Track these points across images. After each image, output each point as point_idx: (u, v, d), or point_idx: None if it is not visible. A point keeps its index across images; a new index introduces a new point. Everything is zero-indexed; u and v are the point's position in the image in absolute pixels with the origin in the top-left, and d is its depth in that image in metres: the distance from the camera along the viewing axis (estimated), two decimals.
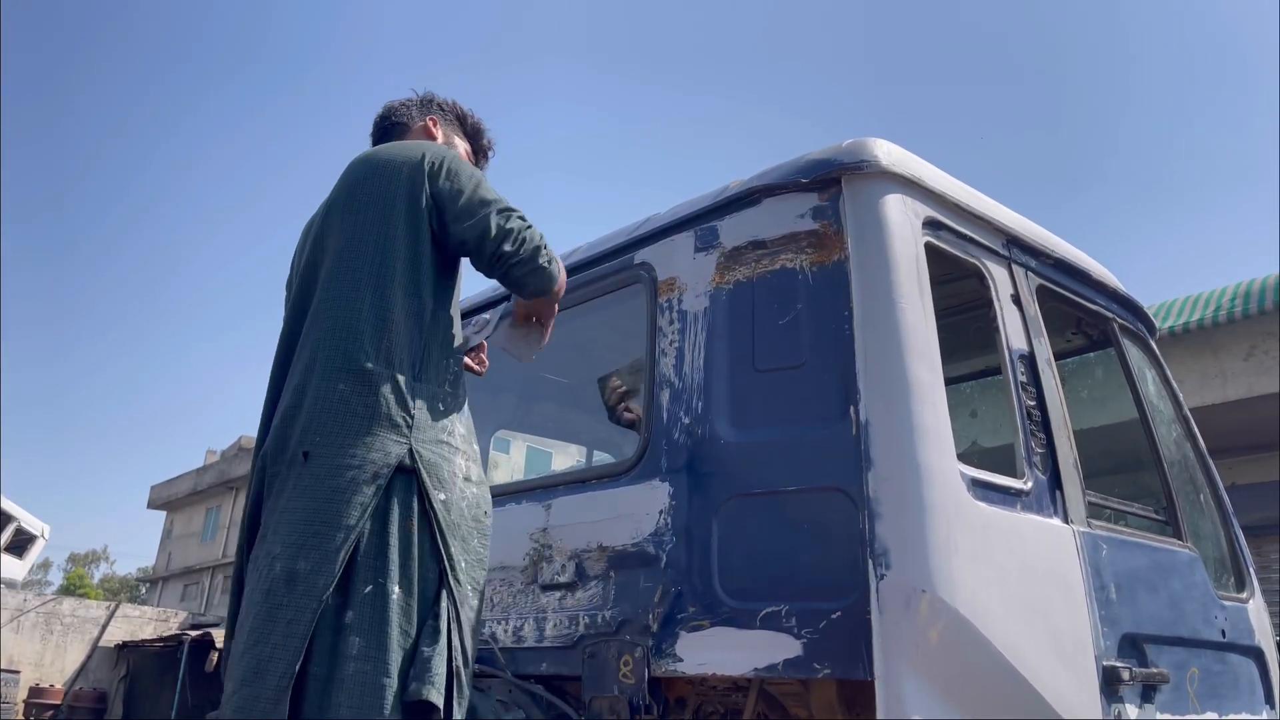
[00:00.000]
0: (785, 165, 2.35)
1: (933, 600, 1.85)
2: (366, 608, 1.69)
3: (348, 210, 1.99)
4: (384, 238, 1.93)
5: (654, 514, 2.23)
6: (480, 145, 2.43)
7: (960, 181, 2.45)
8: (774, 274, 2.25)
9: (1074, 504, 2.25)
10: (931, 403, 2.02)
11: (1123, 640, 2.18)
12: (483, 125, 2.45)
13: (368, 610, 1.69)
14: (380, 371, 1.83)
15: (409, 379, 1.86)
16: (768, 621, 1.99)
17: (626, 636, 2.20)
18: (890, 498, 1.92)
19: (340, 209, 2.01)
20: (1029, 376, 2.34)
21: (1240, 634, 2.67)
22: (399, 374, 1.85)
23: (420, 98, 2.37)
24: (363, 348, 1.84)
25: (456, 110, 2.41)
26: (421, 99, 2.37)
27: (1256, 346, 7.91)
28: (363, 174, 2.03)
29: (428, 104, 2.37)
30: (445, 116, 2.37)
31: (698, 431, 2.24)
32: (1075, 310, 2.80)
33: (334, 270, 1.95)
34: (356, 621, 1.68)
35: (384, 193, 1.97)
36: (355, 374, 1.82)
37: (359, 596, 1.70)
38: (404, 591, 1.72)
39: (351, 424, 1.78)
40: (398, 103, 2.37)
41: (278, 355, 2.02)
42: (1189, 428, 3.03)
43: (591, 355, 3.41)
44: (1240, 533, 2.98)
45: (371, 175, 2.01)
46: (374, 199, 1.97)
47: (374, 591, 1.70)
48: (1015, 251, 2.51)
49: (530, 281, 2.03)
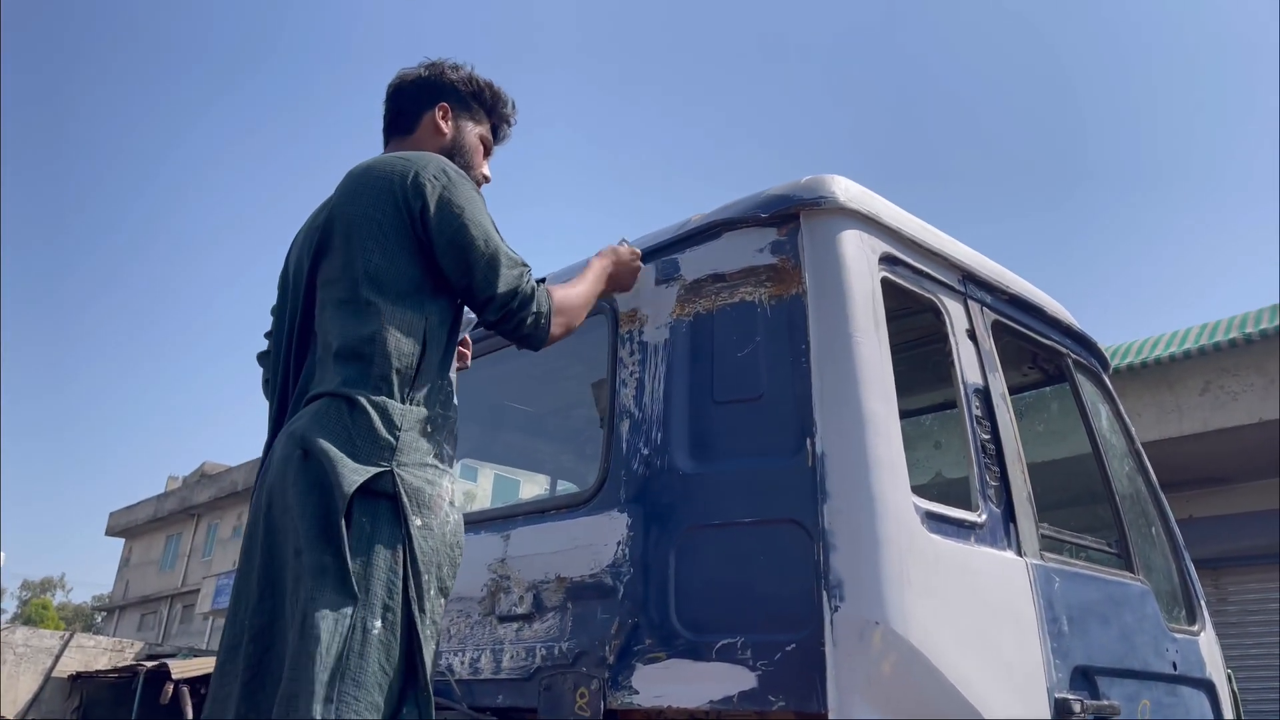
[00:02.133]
0: (745, 200, 2.38)
1: (886, 633, 1.87)
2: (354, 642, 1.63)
3: (340, 227, 1.92)
4: (379, 257, 1.86)
5: (612, 545, 2.23)
6: (501, 116, 2.30)
7: (917, 218, 2.49)
8: (733, 307, 2.28)
9: (1027, 537, 2.28)
10: (886, 436, 2.04)
11: (1075, 672, 2.21)
12: (502, 94, 2.29)
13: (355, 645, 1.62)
14: (370, 393, 1.76)
15: (400, 401, 1.79)
16: (724, 654, 1.99)
17: (583, 668, 2.19)
18: (844, 530, 1.94)
19: (334, 225, 1.93)
20: (984, 410, 2.37)
21: (1191, 666, 2.71)
22: (389, 396, 1.78)
23: (429, 77, 2.21)
24: (356, 368, 1.79)
25: (471, 85, 2.24)
26: (431, 80, 2.20)
27: (1211, 382, 8.06)
28: (355, 190, 1.94)
29: (437, 87, 2.20)
30: (458, 98, 2.21)
31: (656, 462, 2.25)
32: (1030, 345, 2.85)
33: (326, 294, 1.90)
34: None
35: (375, 214, 1.89)
36: (345, 396, 1.76)
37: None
38: (386, 628, 1.65)
39: (341, 447, 1.71)
40: (407, 83, 2.21)
41: (273, 377, 1.98)
42: (1141, 462, 3.08)
43: (554, 385, 3.41)
44: (1191, 565, 3.03)
45: (363, 194, 1.92)
46: (366, 219, 1.89)
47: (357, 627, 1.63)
48: (971, 287, 2.55)
49: (521, 344, 1.99)
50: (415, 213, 1.88)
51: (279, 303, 2.09)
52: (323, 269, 1.93)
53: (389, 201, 1.89)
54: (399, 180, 1.90)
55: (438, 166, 1.95)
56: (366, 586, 1.65)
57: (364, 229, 1.88)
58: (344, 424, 1.73)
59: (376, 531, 1.69)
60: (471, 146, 2.22)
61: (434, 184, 1.90)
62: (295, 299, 1.99)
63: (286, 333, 1.99)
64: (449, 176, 1.94)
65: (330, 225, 1.95)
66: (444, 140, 2.18)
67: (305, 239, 2.02)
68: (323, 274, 1.93)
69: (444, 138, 2.18)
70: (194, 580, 32.98)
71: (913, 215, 2.48)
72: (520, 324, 1.94)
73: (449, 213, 1.89)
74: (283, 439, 1.80)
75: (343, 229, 1.91)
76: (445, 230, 1.88)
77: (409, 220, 1.88)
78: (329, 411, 1.76)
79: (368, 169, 1.99)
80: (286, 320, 2.00)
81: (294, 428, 1.78)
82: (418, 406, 1.82)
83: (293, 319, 1.98)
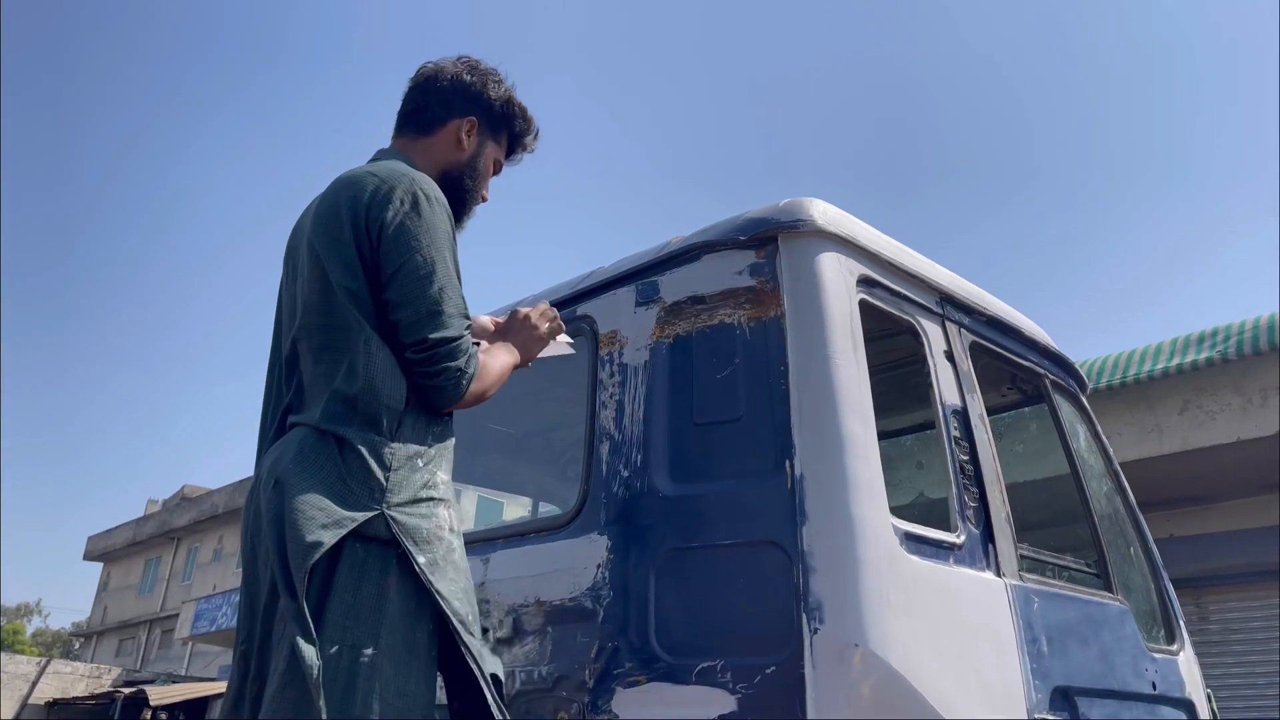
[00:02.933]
0: (724, 223, 2.40)
1: (865, 654, 1.87)
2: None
3: (312, 247, 1.84)
4: (350, 280, 1.77)
5: (592, 568, 2.23)
6: (523, 145, 2.17)
7: (895, 240, 2.51)
8: (712, 329, 2.29)
9: (1006, 557, 2.29)
10: (864, 457, 2.05)
11: (1054, 693, 2.21)
12: (533, 123, 2.17)
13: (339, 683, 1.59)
14: (359, 430, 1.70)
15: (388, 437, 1.72)
16: (703, 677, 1.99)
17: (563, 693, 2.18)
18: (823, 552, 1.94)
19: (307, 245, 1.86)
20: (962, 431, 2.39)
21: (1171, 686, 2.72)
22: (378, 434, 1.71)
23: (469, 85, 2.06)
24: (342, 402, 1.72)
25: (509, 107, 2.11)
26: (470, 89, 2.06)
27: (1190, 401, 8.12)
28: (327, 209, 1.85)
29: (474, 98, 2.06)
30: (490, 116, 2.08)
31: (637, 484, 2.25)
32: (1008, 366, 2.87)
33: (306, 317, 1.82)
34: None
35: (343, 234, 1.79)
36: (334, 434, 1.69)
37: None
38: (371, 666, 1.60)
39: (331, 488, 1.65)
40: (444, 82, 2.05)
41: (264, 412, 1.91)
42: (1119, 482, 3.10)
43: (535, 408, 3.41)
44: (1170, 585, 3.05)
45: (333, 213, 1.83)
46: (336, 241, 1.80)
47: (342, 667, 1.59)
48: (949, 309, 2.57)
49: (432, 394, 1.80)
50: (373, 235, 1.78)
51: (279, 305, 2.01)
52: (303, 288, 1.85)
53: (351, 222, 1.79)
54: (365, 199, 1.81)
55: (407, 188, 1.82)
56: (344, 627, 1.59)
57: (334, 251, 1.79)
58: (334, 464, 1.67)
59: (364, 577, 1.63)
60: (484, 170, 2.10)
61: (398, 207, 1.79)
62: (290, 305, 1.91)
63: (283, 340, 1.91)
64: (418, 200, 1.81)
65: (303, 244, 1.89)
66: (461, 156, 2.06)
67: (302, 254, 1.91)
68: (304, 293, 1.84)
69: (462, 153, 2.06)
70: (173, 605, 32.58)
71: (890, 237, 2.50)
72: (441, 374, 1.76)
73: (404, 240, 1.77)
74: (267, 465, 1.75)
75: (314, 250, 1.83)
76: (395, 257, 1.76)
77: (367, 241, 1.78)
78: (318, 450, 1.69)
79: (346, 184, 1.88)
80: (283, 327, 1.94)
81: (280, 460, 1.72)
82: (406, 444, 1.73)
83: (288, 326, 1.90)
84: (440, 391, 1.78)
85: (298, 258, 1.92)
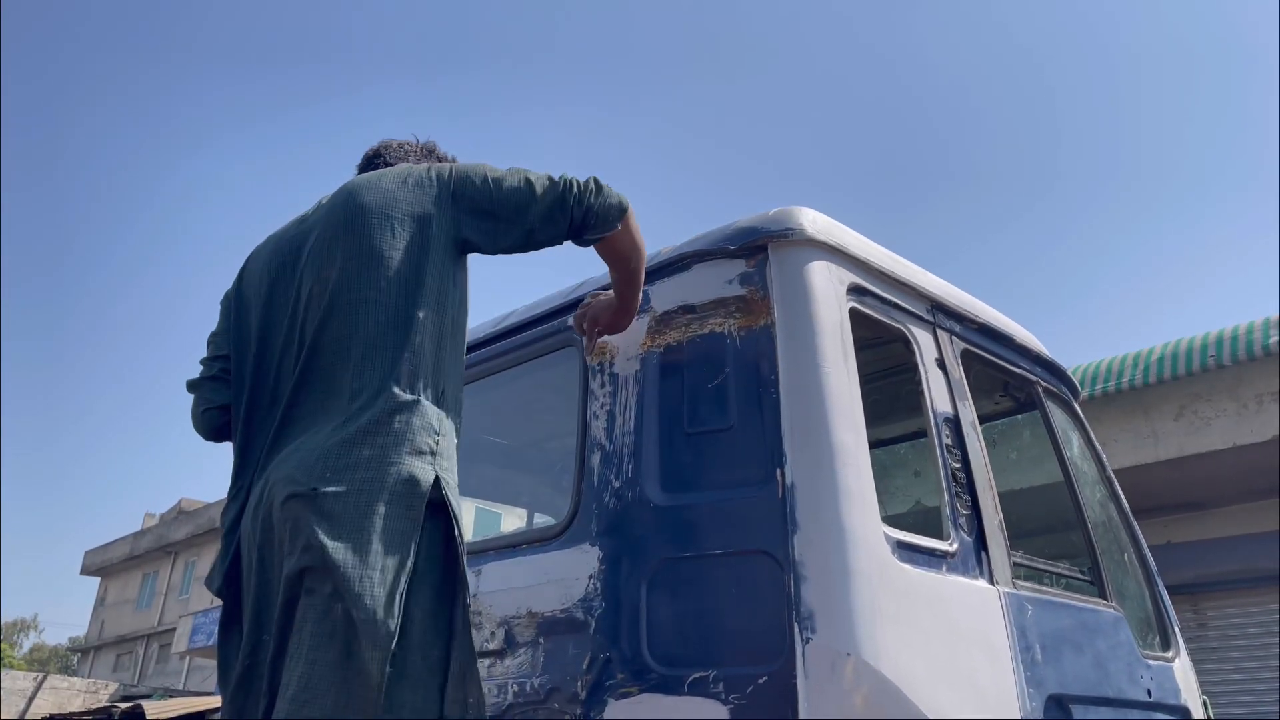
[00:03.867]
0: (714, 232, 2.40)
1: (858, 664, 1.86)
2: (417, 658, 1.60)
3: (352, 235, 1.86)
4: (404, 256, 1.83)
5: (584, 579, 2.22)
6: None
7: (885, 249, 2.51)
8: (703, 338, 2.29)
9: (999, 565, 2.28)
10: (855, 466, 2.05)
11: (1049, 701, 2.20)
12: None
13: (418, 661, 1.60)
14: (407, 400, 1.74)
15: (434, 405, 1.78)
16: (695, 687, 1.98)
17: (555, 705, 2.17)
18: (815, 561, 1.93)
19: (342, 235, 1.87)
20: (954, 439, 2.38)
21: (1166, 693, 2.71)
22: (424, 399, 1.76)
23: (422, 144, 2.26)
24: (385, 373, 1.75)
25: None
26: (423, 146, 2.25)
27: (1186, 407, 8.13)
28: (369, 199, 1.90)
29: (429, 153, 2.24)
30: None
31: (628, 495, 2.24)
32: (1000, 374, 2.87)
33: (341, 302, 1.82)
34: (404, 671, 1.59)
35: (393, 210, 1.87)
36: (379, 405, 1.72)
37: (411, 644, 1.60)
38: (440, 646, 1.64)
39: (380, 455, 1.67)
40: (396, 143, 2.24)
41: (246, 412, 1.90)
42: (1113, 488, 3.10)
43: (526, 418, 3.41)
44: (1165, 592, 3.04)
45: (378, 196, 1.89)
46: (384, 220, 1.86)
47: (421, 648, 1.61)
48: (940, 317, 2.57)
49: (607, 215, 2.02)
50: (448, 197, 1.92)
51: (240, 322, 2.02)
52: (328, 278, 1.85)
53: (406, 198, 1.89)
54: (418, 174, 1.94)
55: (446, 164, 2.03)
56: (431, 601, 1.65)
57: (381, 232, 1.85)
58: (387, 429, 1.70)
59: (434, 540, 1.69)
60: None
61: (438, 168, 1.97)
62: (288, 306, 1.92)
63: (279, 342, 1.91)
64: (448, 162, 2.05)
65: (332, 235, 1.90)
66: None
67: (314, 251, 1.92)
68: (336, 278, 1.85)
69: None
70: (171, 619, 32.50)
71: (880, 246, 2.50)
72: (585, 191, 1.99)
73: (482, 176, 1.95)
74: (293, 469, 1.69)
75: (355, 234, 1.86)
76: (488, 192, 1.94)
77: (437, 209, 1.90)
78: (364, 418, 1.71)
79: (374, 176, 1.97)
80: (267, 330, 1.94)
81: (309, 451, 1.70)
82: (450, 414, 1.83)
83: (289, 328, 1.90)
84: (605, 202, 2.01)
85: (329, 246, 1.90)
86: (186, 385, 2.09)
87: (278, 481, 1.71)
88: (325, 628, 1.56)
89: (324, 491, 1.63)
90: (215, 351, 2.07)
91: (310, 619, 1.58)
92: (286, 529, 1.65)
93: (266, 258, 2.03)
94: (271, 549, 1.70)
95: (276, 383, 1.90)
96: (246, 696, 1.69)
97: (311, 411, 1.81)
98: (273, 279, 1.98)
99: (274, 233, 2.11)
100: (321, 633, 1.56)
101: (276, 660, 1.65)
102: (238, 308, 2.05)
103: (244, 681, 1.70)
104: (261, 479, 1.79)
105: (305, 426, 1.79)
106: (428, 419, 1.76)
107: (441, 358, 1.85)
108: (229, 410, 2.02)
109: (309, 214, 2.04)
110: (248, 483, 1.86)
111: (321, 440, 1.71)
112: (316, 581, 1.59)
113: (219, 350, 2.06)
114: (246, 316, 2.01)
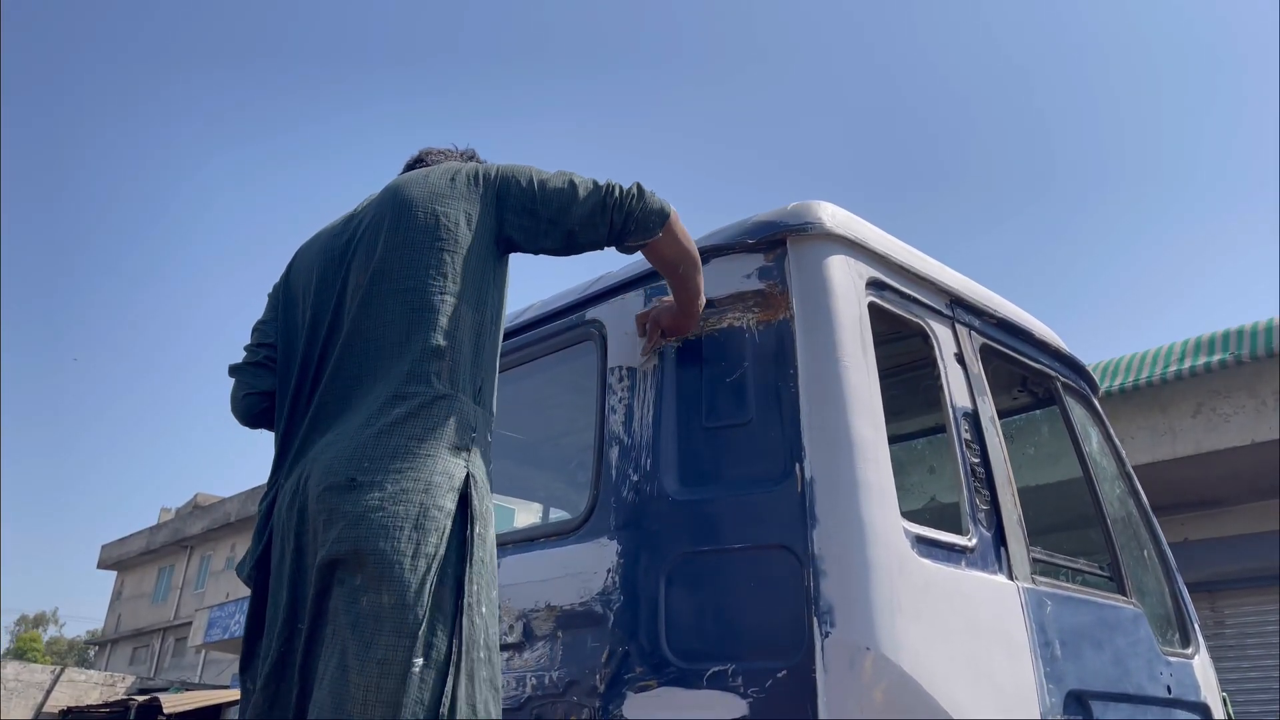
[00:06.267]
0: (733, 226, 2.39)
1: (877, 658, 1.86)
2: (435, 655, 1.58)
3: (397, 227, 1.88)
4: (446, 249, 1.85)
5: (602, 572, 2.22)
6: None
7: (904, 243, 2.51)
8: (721, 332, 2.28)
9: (1018, 560, 2.27)
10: (874, 460, 2.04)
11: (1068, 697, 2.19)
12: None
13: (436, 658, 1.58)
14: (445, 393, 1.75)
15: (472, 401, 1.79)
16: (714, 681, 1.98)
17: (574, 698, 2.18)
18: (834, 555, 1.93)
19: (387, 226, 1.89)
20: (973, 434, 2.38)
21: (1186, 690, 2.69)
22: (462, 394, 1.78)
23: (462, 151, 2.29)
24: (423, 368, 1.76)
25: None
26: (463, 153, 2.29)
27: (1203, 404, 8.07)
28: (415, 193, 1.92)
29: (470, 159, 2.26)
30: None
31: (646, 489, 2.24)
32: (1019, 369, 2.85)
33: (382, 291, 1.84)
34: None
35: (438, 205, 1.89)
36: (416, 397, 1.73)
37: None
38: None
39: (415, 448, 1.67)
40: (438, 149, 2.28)
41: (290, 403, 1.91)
42: (1132, 484, 3.08)
43: (544, 412, 3.41)
44: (1184, 588, 3.02)
45: (424, 191, 1.92)
46: (429, 214, 1.88)
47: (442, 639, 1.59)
48: (959, 311, 2.56)
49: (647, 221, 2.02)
50: (493, 195, 1.95)
51: (287, 314, 2.04)
52: (371, 269, 1.87)
53: (456, 194, 1.92)
54: (466, 172, 1.96)
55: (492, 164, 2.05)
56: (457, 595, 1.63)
57: (427, 228, 1.87)
58: (423, 424, 1.71)
59: (461, 535, 1.67)
60: None
61: (485, 167, 2.00)
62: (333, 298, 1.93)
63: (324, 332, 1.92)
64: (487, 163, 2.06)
65: (378, 227, 1.92)
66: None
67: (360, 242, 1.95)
68: (378, 267, 1.87)
69: None
70: (186, 613, 32.69)
71: (899, 240, 2.49)
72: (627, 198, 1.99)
73: (528, 177, 1.97)
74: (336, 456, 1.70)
75: (401, 228, 1.88)
76: (532, 194, 1.95)
77: (481, 207, 1.92)
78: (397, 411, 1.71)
79: (423, 172, 2.01)
80: (314, 321, 1.95)
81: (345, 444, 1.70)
82: (486, 411, 1.85)
83: (334, 318, 1.91)
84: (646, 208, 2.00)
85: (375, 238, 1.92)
86: (229, 369, 2.10)
87: (315, 472, 1.72)
88: (354, 617, 1.57)
89: (359, 482, 1.64)
90: (260, 339, 2.08)
91: (342, 609, 1.58)
92: (321, 519, 1.67)
93: (315, 252, 2.05)
94: (307, 538, 1.71)
95: (318, 372, 1.91)
96: (279, 684, 1.70)
97: (347, 399, 1.81)
98: (320, 272, 1.99)
99: (323, 228, 2.13)
100: (352, 622, 1.57)
101: (309, 649, 1.66)
102: (285, 300, 2.07)
103: (277, 670, 1.70)
104: (299, 468, 1.80)
105: (340, 412, 1.80)
106: (465, 415, 1.77)
107: (480, 353, 1.87)
108: (270, 396, 2.03)
109: (357, 210, 2.08)
110: (285, 471, 1.87)
111: (358, 430, 1.72)
112: (348, 572, 1.60)
113: (264, 338, 2.08)
114: (293, 309, 2.03)
